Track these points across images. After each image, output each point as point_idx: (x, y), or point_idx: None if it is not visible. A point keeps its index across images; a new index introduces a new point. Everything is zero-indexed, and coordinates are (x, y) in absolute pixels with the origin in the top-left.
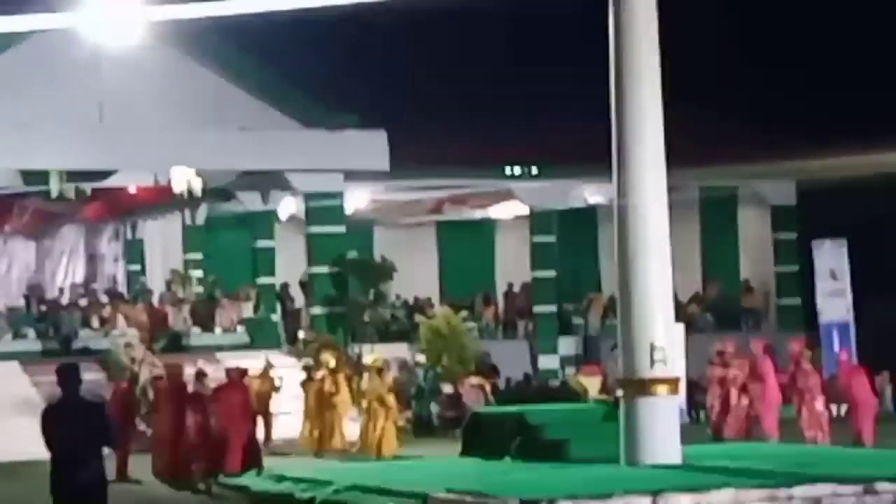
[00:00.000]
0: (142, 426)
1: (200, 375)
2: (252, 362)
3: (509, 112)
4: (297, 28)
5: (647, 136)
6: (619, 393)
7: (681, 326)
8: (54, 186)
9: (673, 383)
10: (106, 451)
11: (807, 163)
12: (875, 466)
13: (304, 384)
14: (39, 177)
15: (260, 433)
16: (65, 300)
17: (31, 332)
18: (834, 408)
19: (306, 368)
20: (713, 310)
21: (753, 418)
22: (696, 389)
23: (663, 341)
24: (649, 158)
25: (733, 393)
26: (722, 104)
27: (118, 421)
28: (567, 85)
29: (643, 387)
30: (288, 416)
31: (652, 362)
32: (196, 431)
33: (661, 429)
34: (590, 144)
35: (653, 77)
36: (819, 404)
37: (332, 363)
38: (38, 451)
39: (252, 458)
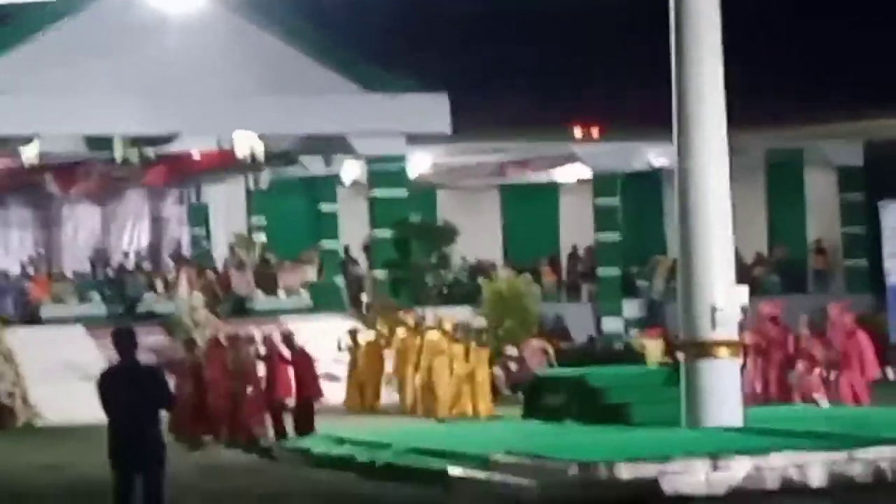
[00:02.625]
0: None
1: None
2: (315, 325)
3: (573, 74)
4: None
5: (708, 98)
6: (681, 355)
7: (745, 288)
8: (118, 151)
9: (734, 346)
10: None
11: (873, 122)
12: None
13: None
14: (104, 142)
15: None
16: (130, 264)
17: (96, 296)
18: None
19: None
20: (780, 272)
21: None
22: None
23: (724, 303)
24: (710, 120)
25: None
26: (786, 64)
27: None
28: (631, 46)
29: (704, 349)
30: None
31: (713, 324)
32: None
33: (722, 391)
34: (654, 106)
35: (713, 38)
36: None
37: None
38: (102, 414)
39: (304, 421)
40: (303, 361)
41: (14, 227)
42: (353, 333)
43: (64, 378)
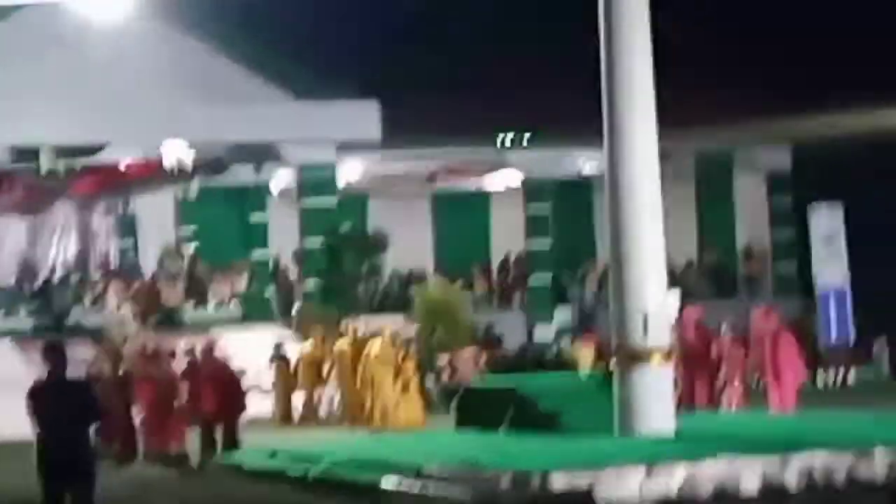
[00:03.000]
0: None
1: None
2: (246, 336)
3: (501, 80)
4: None
5: (638, 103)
6: (613, 362)
7: (676, 293)
8: (44, 162)
9: (666, 352)
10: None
11: (800, 123)
12: (871, 432)
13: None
14: (29, 153)
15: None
16: (57, 277)
17: (23, 310)
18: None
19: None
20: (710, 277)
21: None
22: None
23: (656, 310)
24: (640, 126)
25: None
26: (714, 65)
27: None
28: (559, 51)
29: (636, 356)
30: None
31: (645, 331)
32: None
33: (655, 398)
34: (584, 113)
35: (643, 40)
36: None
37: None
38: (29, 430)
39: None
40: (225, 374)
41: None
42: (278, 346)
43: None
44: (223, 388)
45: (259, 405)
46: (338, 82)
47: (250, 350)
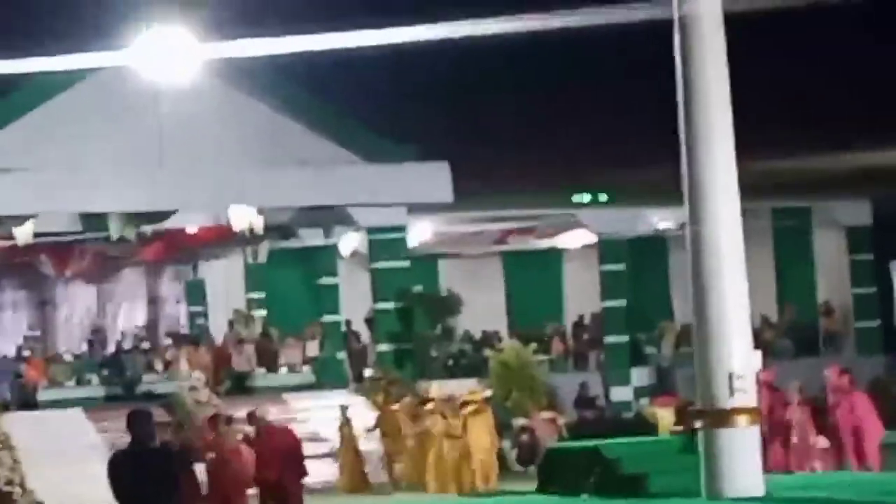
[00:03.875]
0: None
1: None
2: (318, 402)
3: (575, 139)
4: (354, 61)
5: (719, 161)
6: (697, 424)
7: (758, 354)
8: (114, 229)
9: (753, 413)
10: None
11: (880, 177)
12: None
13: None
14: (99, 220)
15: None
16: (127, 344)
17: (94, 378)
18: None
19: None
20: (790, 335)
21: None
22: None
23: (742, 370)
24: (721, 183)
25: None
26: (791, 123)
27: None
28: (634, 110)
29: (722, 417)
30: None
31: (731, 392)
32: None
33: (742, 460)
34: (658, 170)
35: (723, 100)
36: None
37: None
38: (104, 497)
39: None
40: (285, 440)
41: (8, 309)
42: (343, 409)
43: (63, 462)
44: (282, 454)
45: (332, 470)
46: (407, 143)
47: (323, 415)
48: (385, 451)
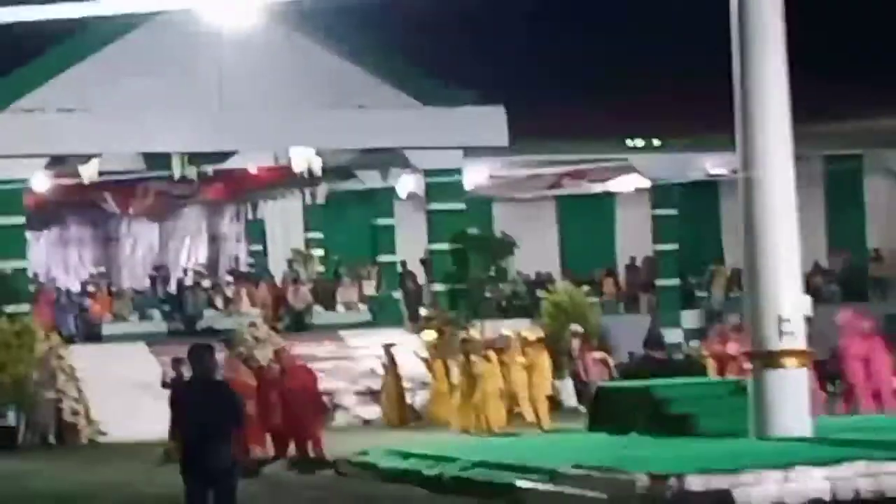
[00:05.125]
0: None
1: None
2: (374, 339)
3: (630, 84)
4: (414, 4)
5: (772, 106)
6: (748, 366)
7: (808, 298)
8: (176, 168)
9: (802, 355)
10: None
11: None
12: None
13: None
14: (162, 159)
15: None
16: (188, 281)
17: (156, 314)
18: None
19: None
20: (839, 280)
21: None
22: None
23: (791, 313)
24: (774, 129)
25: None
26: (845, 69)
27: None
28: (689, 54)
29: (772, 359)
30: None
31: (780, 335)
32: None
33: (791, 402)
34: (709, 115)
35: (777, 43)
36: None
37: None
38: (165, 429)
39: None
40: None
41: (74, 246)
42: (387, 347)
43: (127, 395)
44: (305, 392)
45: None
46: (464, 87)
47: (379, 352)
48: (432, 390)
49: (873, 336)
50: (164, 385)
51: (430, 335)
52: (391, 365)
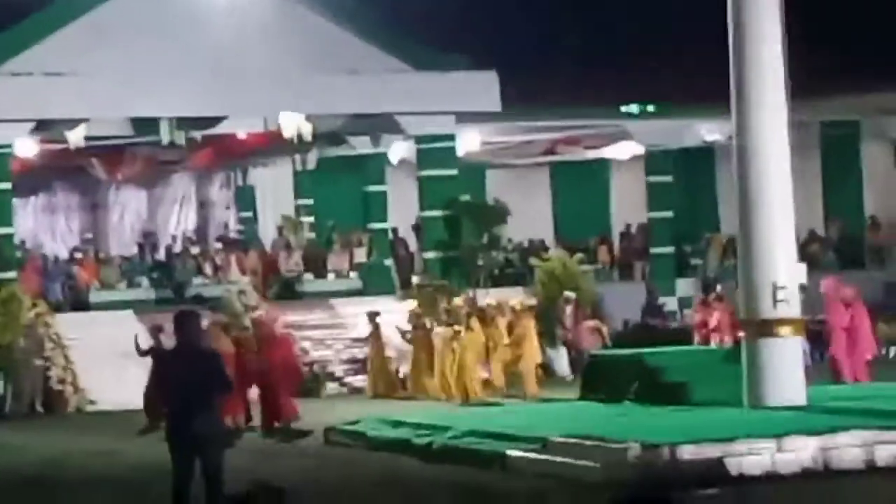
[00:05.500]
0: None
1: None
2: (365, 308)
3: (623, 49)
4: None
5: (767, 74)
6: (741, 334)
7: (803, 266)
8: (165, 134)
9: (797, 324)
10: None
11: None
12: None
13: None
14: (150, 125)
15: None
16: (178, 248)
17: (144, 281)
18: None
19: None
20: (836, 248)
21: None
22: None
23: (786, 281)
24: (769, 96)
25: None
26: (841, 33)
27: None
28: (683, 20)
29: (766, 328)
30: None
31: (775, 303)
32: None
33: (785, 370)
34: (707, 81)
35: (773, 9)
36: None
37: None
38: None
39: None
40: (282, 347)
41: (61, 212)
42: (372, 316)
43: (114, 363)
44: (280, 359)
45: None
46: (456, 52)
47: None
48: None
49: (856, 304)
50: (142, 354)
51: (413, 304)
52: (376, 334)
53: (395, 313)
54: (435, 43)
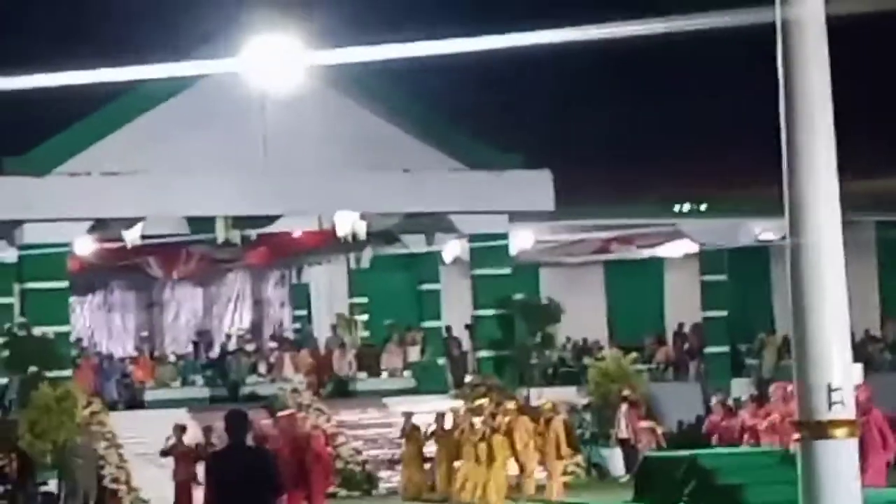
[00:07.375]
0: None
1: None
2: (419, 407)
3: (676, 149)
4: (459, 68)
5: (820, 172)
6: (796, 436)
7: (859, 367)
8: (220, 232)
9: (851, 425)
10: None
11: None
12: None
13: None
14: (206, 223)
15: None
16: (232, 346)
17: (199, 379)
18: None
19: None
20: (892, 348)
21: None
22: None
23: (841, 382)
24: (823, 194)
25: None
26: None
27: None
28: (735, 120)
29: (821, 429)
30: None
31: (830, 404)
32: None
33: (841, 472)
34: (758, 180)
35: (825, 110)
36: None
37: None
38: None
39: None
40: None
41: (117, 310)
42: (408, 416)
43: (167, 462)
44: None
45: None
46: (510, 152)
47: (423, 420)
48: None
49: (871, 409)
50: (163, 453)
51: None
52: (410, 434)
53: (449, 412)
54: (489, 142)
